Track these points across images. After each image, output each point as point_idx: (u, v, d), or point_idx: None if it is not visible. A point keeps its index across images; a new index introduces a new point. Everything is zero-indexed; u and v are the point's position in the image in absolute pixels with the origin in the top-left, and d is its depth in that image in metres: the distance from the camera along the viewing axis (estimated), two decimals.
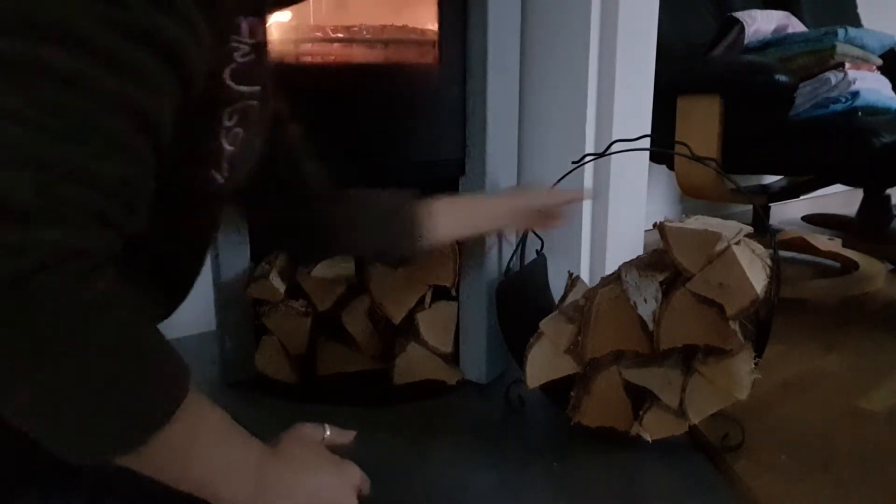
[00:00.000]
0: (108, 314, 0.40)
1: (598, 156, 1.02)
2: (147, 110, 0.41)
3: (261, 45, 0.52)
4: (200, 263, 0.64)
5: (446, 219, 0.87)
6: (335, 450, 0.60)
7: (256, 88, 0.53)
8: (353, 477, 0.58)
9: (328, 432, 0.61)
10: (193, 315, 1.32)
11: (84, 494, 0.51)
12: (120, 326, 0.41)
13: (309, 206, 0.82)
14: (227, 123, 0.51)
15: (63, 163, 0.37)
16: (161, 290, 0.59)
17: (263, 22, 0.52)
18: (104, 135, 0.39)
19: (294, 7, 1.00)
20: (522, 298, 1.03)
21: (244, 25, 0.50)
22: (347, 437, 0.63)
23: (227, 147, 0.52)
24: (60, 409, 0.40)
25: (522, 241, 1.05)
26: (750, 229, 0.92)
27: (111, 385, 0.40)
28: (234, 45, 0.49)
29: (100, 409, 0.41)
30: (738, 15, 1.69)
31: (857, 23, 2.26)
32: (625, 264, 0.90)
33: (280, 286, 1.08)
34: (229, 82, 0.50)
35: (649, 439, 0.90)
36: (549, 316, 0.94)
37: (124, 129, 0.40)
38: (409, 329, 1.10)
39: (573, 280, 1.04)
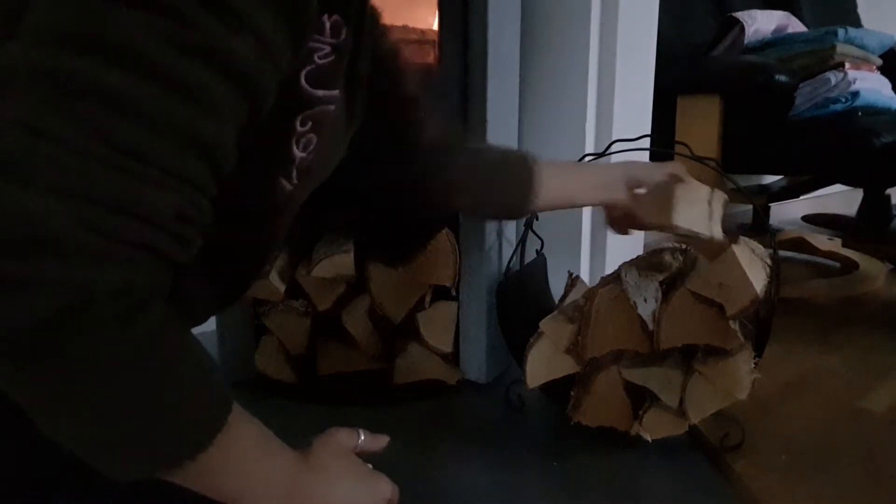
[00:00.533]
0: (151, 352, 0.39)
1: (598, 156, 1.02)
2: (208, 138, 0.38)
3: (344, 46, 0.49)
4: (261, 268, 0.62)
5: (552, 182, 0.84)
6: (367, 456, 0.60)
7: (334, 92, 0.50)
8: (383, 490, 0.58)
9: (362, 438, 0.60)
10: None
11: (118, 495, 0.51)
12: (163, 362, 0.40)
13: (429, 159, 0.79)
14: (301, 129, 0.49)
15: (112, 195, 0.35)
16: (219, 288, 0.57)
17: (347, 20, 0.48)
18: (159, 164, 0.36)
19: None
20: (522, 298, 1.03)
21: (327, 24, 0.46)
22: (380, 442, 0.63)
23: (299, 154, 0.50)
24: (103, 439, 0.40)
25: (522, 241, 1.05)
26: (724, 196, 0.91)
27: (152, 418, 0.40)
28: (316, 45, 0.46)
29: (141, 438, 0.41)
30: (738, 15, 1.69)
31: (857, 23, 2.26)
32: (625, 264, 0.90)
33: (280, 286, 1.08)
34: (305, 85, 0.47)
35: (649, 439, 0.90)
36: (549, 316, 0.94)
37: (181, 158, 0.37)
38: (409, 329, 1.10)
39: (573, 280, 1.04)
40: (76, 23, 0.35)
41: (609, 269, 1.13)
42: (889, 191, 2.19)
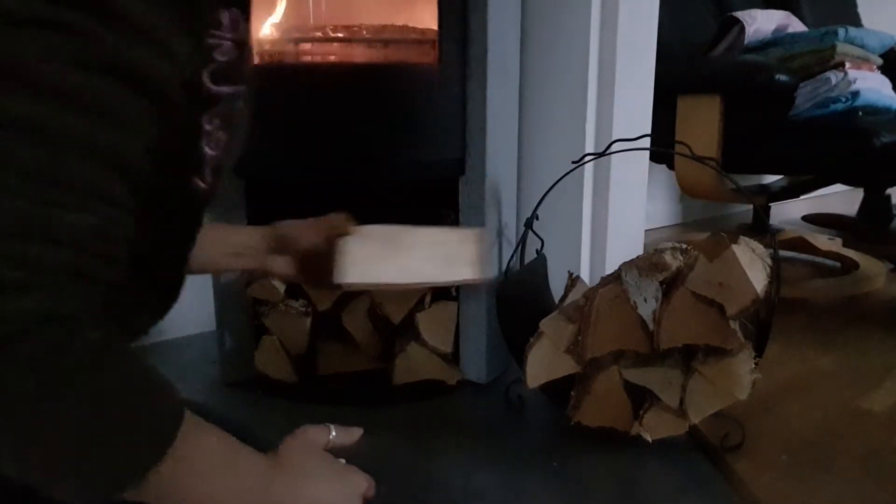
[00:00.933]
0: (86, 375, 0.39)
1: (599, 155, 1.02)
2: (119, 153, 0.38)
3: (244, 41, 0.48)
4: (185, 267, 0.62)
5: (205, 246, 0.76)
6: (341, 452, 0.59)
7: (240, 88, 0.49)
8: (357, 485, 0.57)
9: (333, 433, 0.59)
10: (193, 315, 1.32)
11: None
12: (100, 383, 0.40)
13: None
14: (208, 128, 0.48)
15: (26, 224, 0.35)
16: (152, 296, 0.58)
17: (247, 15, 0.48)
18: (72, 186, 0.36)
19: (293, 6, 0.98)
20: (522, 298, 1.03)
21: (226, 19, 0.46)
22: (353, 436, 0.61)
23: (210, 153, 0.49)
24: (50, 467, 0.39)
25: (523, 241, 1.05)
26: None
27: (96, 440, 0.40)
28: (215, 42, 0.46)
29: (90, 462, 0.40)
30: (739, 15, 1.69)
31: (857, 22, 2.26)
32: (625, 264, 0.90)
33: (280, 286, 1.08)
34: (209, 85, 0.46)
35: (649, 439, 0.90)
36: (550, 316, 0.94)
37: (95, 175, 0.37)
38: (408, 329, 1.10)
39: (573, 280, 1.04)
40: None
41: (609, 269, 1.13)
42: (889, 190, 2.20)
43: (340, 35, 1.04)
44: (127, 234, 0.41)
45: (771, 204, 2.07)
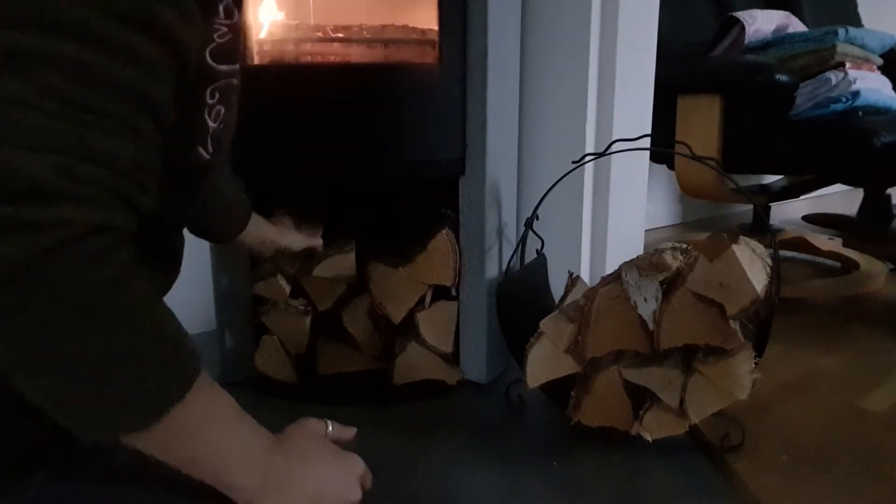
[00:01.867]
0: (127, 291, 0.42)
1: (599, 155, 1.02)
2: (150, 93, 0.43)
3: (236, 26, 0.54)
4: (182, 239, 0.68)
5: (252, 228, 0.95)
6: (338, 445, 0.62)
7: (235, 66, 0.55)
8: (357, 469, 0.59)
9: (330, 428, 0.63)
10: (193, 314, 1.32)
11: (95, 475, 0.52)
12: (138, 304, 0.43)
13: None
14: (210, 101, 0.53)
15: (80, 146, 0.39)
16: (155, 263, 0.61)
17: (238, 4, 0.54)
18: (115, 119, 0.41)
19: (293, 6, 1.01)
20: (522, 298, 1.03)
21: (221, 7, 0.52)
22: (349, 433, 0.65)
23: (212, 124, 0.54)
24: (78, 384, 0.42)
25: (523, 241, 1.05)
26: None
27: (128, 361, 0.43)
28: (215, 26, 0.51)
29: (116, 385, 0.42)
30: (739, 15, 1.69)
31: (857, 22, 2.26)
32: (625, 264, 0.90)
33: (286, 286, 1.08)
34: (210, 62, 0.51)
35: (650, 439, 0.90)
36: (550, 315, 0.94)
37: (132, 112, 0.42)
38: (409, 329, 1.10)
39: (573, 279, 1.04)
40: (23, 5, 0.39)
41: (609, 268, 1.13)
42: (890, 190, 2.20)
43: (340, 35, 1.04)
44: (156, 170, 0.46)
45: (771, 204, 2.07)
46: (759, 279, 0.81)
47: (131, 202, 0.43)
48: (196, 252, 1.24)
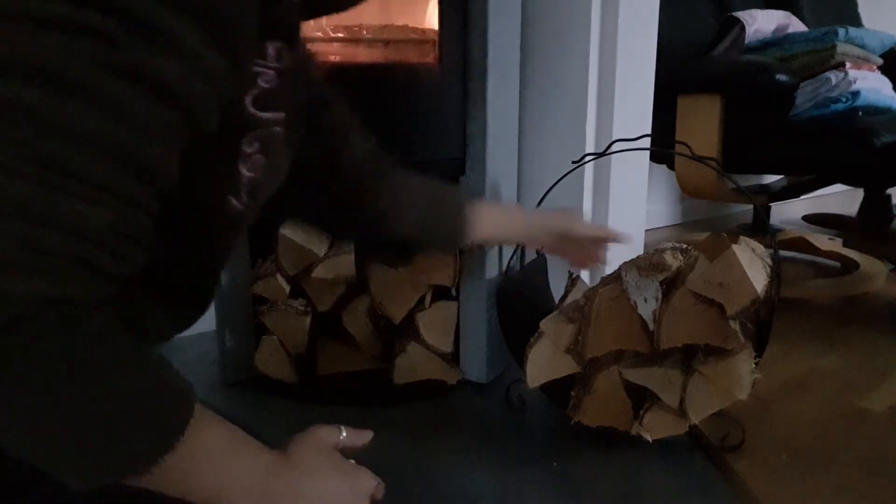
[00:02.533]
0: (96, 355, 0.40)
1: (599, 155, 1.02)
2: (139, 153, 0.39)
3: (288, 70, 0.50)
4: (216, 281, 0.64)
5: (488, 220, 0.87)
6: (350, 453, 0.59)
7: (280, 115, 0.51)
8: (366, 485, 0.57)
9: (344, 434, 0.59)
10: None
11: (93, 492, 0.51)
12: (110, 366, 0.41)
13: (361, 190, 0.79)
14: (248, 150, 0.50)
15: (40, 210, 0.36)
16: (178, 308, 0.58)
17: (293, 46, 0.50)
18: (87, 179, 0.37)
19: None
20: (523, 298, 1.03)
21: (271, 50, 0.48)
22: (363, 438, 0.62)
23: (247, 174, 0.51)
24: (55, 450, 0.40)
25: None
26: None
27: (103, 426, 0.40)
28: (259, 69, 0.48)
29: (94, 447, 0.41)
30: (739, 15, 1.69)
31: (857, 22, 2.26)
32: (625, 264, 0.90)
33: (285, 285, 1.08)
34: (251, 109, 0.48)
35: (650, 439, 0.90)
36: (550, 316, 0.94)
37: (111, 173, 0.38)
38: (409, 329, 1.10)
39: (573, 280, 1.04)
40: (3, 48, 0.35)
41: (609, 269, 1.13)
42: (890, 190, 2.20)
43: (341, 35, 1.04)
44: (143, 236, 0.41)
45: (771, 204, 2.07)
46: (759, 279, 0.81)
47: (102, 271, 0.39)
48: None
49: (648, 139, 1.10)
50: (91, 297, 0.39)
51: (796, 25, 1.77)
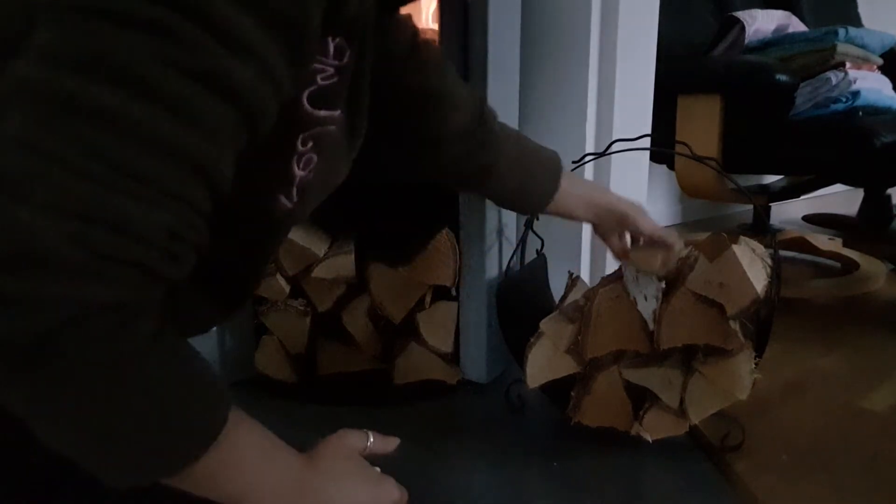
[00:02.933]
0: (140, 364, 0.40)
1: (599, 155, 1.02)
2: (203, 159, 0.39)
3: (345, 67, 0.49)
4: (258, 280, 0.64)
5: (570, 193, 0.87)
6: (376, 459, 0.60)
7: (336, 113, 0.50)
8: (391, 494, 0.57)
9: (371, 440, 0.60)
10: None
11: (120, 493, 0.51)
12: (155, 368, 0.41)
13: (460, 149, 0.79)
14: (301, 149, 0.49)
15: (104, 213, 0.35)
16: (217, 303, 0.58)
17: (351, 42, 0.49)
18: (150, 182, 0.37)
19: None
20: (523, 298, 1.03)
21: (331, 46, 0.47)
22: (390, 445, 0.62)
23: (299, 173, 0.50)
24: (95, 448, 0.41)
25: (523, 241, 1.05)
26: None
27: (143, 427, 0.41)
28: (319, 66, 0.47)
29: (133, 447, 0.42)
30: (739, 14, 1.69)
31: (857, 22, 2.26)
32: (626, 262, 0.89)
33: (285, 285, 1.08)
34: (307, 106, 0.47)
35: (650, 439, 0.90)
36: (550, 316, 0.94)
37: (174, 176, 0.38)
38: (409, 329, 1.10)
39: (573, 280, 1.04)
40: (79, 44, 0.35)
41: (609, 268, 1.13)
42: (890, 190, 2.19)
43: None
44: (200, 240, 0.41)
45: (771, 204, 2.07)
46: (759, 279, 0.81)
47: (158, 276, 0.39)
48: None
49: (648, 139, 1.10)
50: (143, 299, 0.39)
51: (796, 25, 1.77)
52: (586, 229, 1.20)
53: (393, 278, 1.07)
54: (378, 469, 0.59)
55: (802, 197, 2.23)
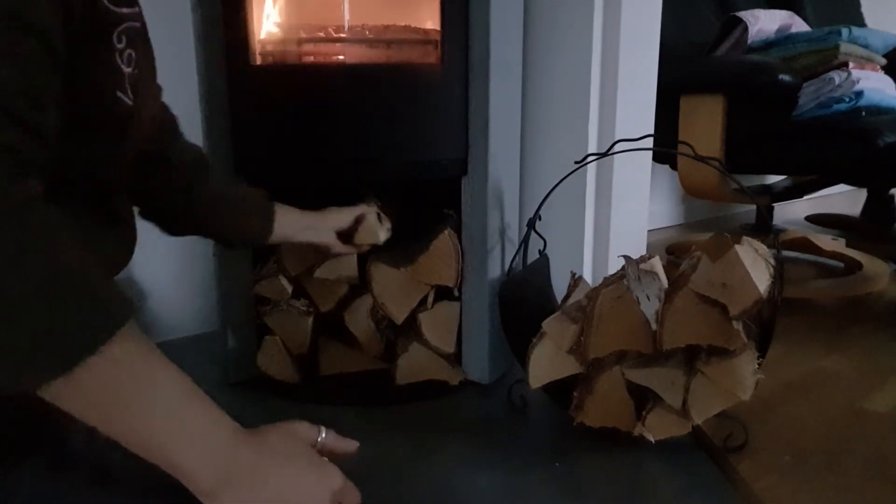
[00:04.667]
0: (36, 218, 0.39)
1: (601, 155, 1.02)
2: (32, 15, 0.41)
3: None
4: (129, 207, 0.64)
5: (284, 220, 0.93)
6: (332, 457, 0.56)
7: (135, 9, 0.53)
8: (333, 482, 0.53)
9: (323, 435, 0.56)
10: (196, 314, 1.32)
11: (87, 473, 0.50)
12: (48, 236, 0.40)
13: (191, 182, 0.82)
14: (119, 46, 0.51)
15: None
16: (106, 241, 0.57)
17: None
18: None
19: (295, 6, 1.00)
20: (525, 298, 1.03)
21: None
22: (347, 445, 0.58)
23: (126, 69, 0.52)
24: None
25: (525, 241, 1.05)
26: None
27: (34, 298, 0.38)
28: None
29: (20, 325, 0.38)
30: (742, 14, 1.69)
31: (860, 22, 2.26)
32: (629, 260, 0.89)
33: (287, 286, 1.08)
34: (108, 5, 0.49)
35: (652, 440, 0.90)
36: (552, 316, 0.94)
37: (10, 35, 0.40)
38: (411, 329, 1.10)
39: (576, 280, 1.04)
40: None
41: (612, 268, 1.13)
42: (893, 190, 2.19)
43: (343, 35, 1.04)
44: (52, 93, 0.43)
45: (774, 204, 2.07)
46: (762, 280, 0.81)
47: (30, 124, 0.40)
48: (198, 253, 1.25)
49: (651, 139, 1.10)
50: (27, 151, 0.40)
51: (799, 25, 1.77)
52: (589, 229, 1.20)
53: (395, 278, 1.07)
54: (326, 459, 0.55)
55: (805, 197, 2.23)
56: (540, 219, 1.03)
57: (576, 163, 1.03)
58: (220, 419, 0.49)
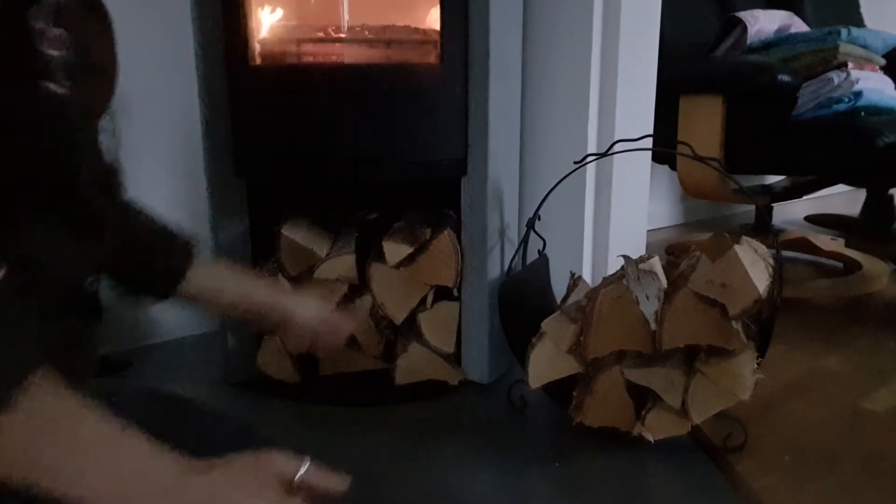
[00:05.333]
0: None
1: (601, 155, 1.02)
2: None
3: None
4: (80, 188, 0.52)
5: (208, 273, 0.74)
6: (317, 496, 0.49)
7: None
8: None
9: (304, 470, 0.48)
10: (195, 315, 1.32)
11: None
12: None
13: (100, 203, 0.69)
14: (39, 27, 0.44)
15: None
16: (68, 229, 0.50)
17: None
18: None
19: (295, 6, 0.97)
20: (524, 298, 1.03)
21: None
22: (332, 484, 0.50)
23: (54, 53, 0.45)
24: None
25: (525, 241, 1.05)
26: None
27: None
28: None
29: None
30: (741, 15, 1.69)
31: (860, 23, 2.26)
32: (628, 260, 0.89)
33: (287, 286, 1.08)
34: None
35: (651, 439, 0.90)
36: (552, 316, 0.94)
37: None
38: (411, 329, 1.10)
39: (575, 280, 1.04)
40: None
41: (611, 269, 1.13)
42: (892, 191, 2.19)
43: (342, 35, 1.04)
44: None
45: (773, 204, 2.06)
46: (761, 280, 0.81)
47: None
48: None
49: (650, 139, 1.10)
50: None
51: (798, 25, 1.77)
52: (588, 230, 1.20)
53: (395, 279, 1.07)
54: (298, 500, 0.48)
55: (804, 197, 2.22)
56: (539, 219, 1.03)
57: (575, 163, 1.03)
58: (159, 452, 0.45)
